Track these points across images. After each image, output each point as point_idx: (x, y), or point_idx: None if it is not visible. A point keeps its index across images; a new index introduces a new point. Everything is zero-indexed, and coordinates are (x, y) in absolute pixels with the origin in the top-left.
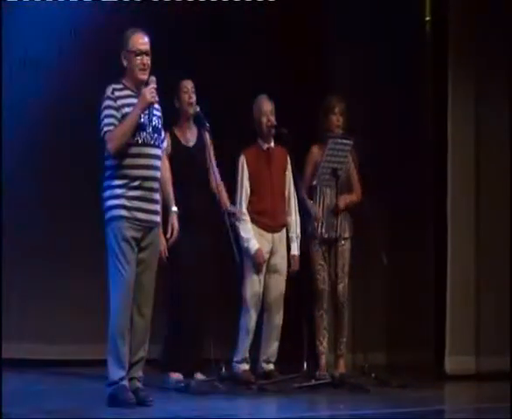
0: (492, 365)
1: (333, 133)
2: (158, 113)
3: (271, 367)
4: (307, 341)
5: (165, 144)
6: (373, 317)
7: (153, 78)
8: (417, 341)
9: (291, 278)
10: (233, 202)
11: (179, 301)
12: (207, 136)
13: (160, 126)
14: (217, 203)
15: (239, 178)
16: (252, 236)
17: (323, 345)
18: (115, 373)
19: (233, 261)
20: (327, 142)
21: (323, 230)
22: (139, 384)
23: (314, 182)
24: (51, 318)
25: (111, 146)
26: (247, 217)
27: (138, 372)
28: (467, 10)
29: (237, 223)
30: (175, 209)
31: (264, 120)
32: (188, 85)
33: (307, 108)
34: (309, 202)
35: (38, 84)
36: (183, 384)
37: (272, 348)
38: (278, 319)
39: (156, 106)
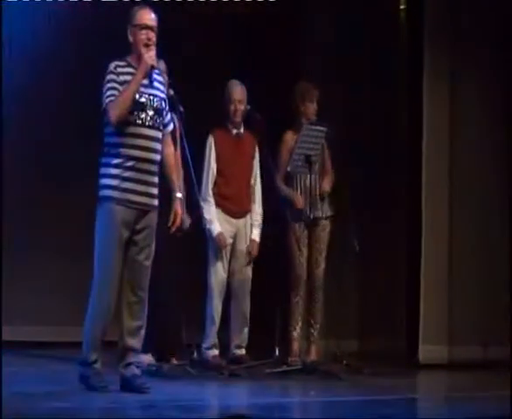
0: (464, 354)
1: (309, 119)
2: (162, 95)
3: (242, 352)
4: (279, 327)
5: (171, 127)
6: (346, 303)
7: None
8: (390, 329)
9: (265, 264)
10: (199, 182)
11: (151, 285)
12: (179, 120)
13: (163, 108)
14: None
15: (206, 158)
16: (214, 219)
17: (297, 331)
18: (89, 355)
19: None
20: (301, 129)
21: (308, 212)
22: (136, 370)
23: (288, 169)
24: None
25: (112, 114)
26: (212, 199)
27: (135, 357)
28: None
29: (201, 204)
30: (179, 195)
31: (232, 107)
32: (161, 66)
33: (279, 94)
34: (287, 190)
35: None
36: (154, 368)
37: (242, 334)
38: (245, 304)
39: (161, 87)
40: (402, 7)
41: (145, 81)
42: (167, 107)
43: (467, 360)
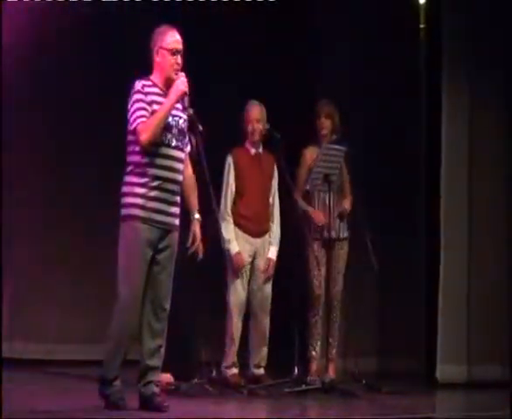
0: (483, 373)
1: (324, 135)
2: (184, 116)
3: (261, 371)
4: (298, 346)
5: (189, 148)
6: (364, 323)
7: (182, 74)
8: (408, 348)
9: (282, 283)
10: (218, 201)
11: (171, 304)
12: (200, 140)
13: (185, 128)
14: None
15: (225, 178)
16: (233, 238)
17: (316, 350)
18: (110, 372)
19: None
20: (319, 147)
21: (325, 231)
22: (156, 389)
23: (307, 187)
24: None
25: (144, 137)
26: (230, 218)
27: (155, 376)
28: (462, 15)
29: (220, 222)
30: (197, 216)
31: (250, 127)
32: None
33: (300, 112)
34: (306, 206)
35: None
36: (173, 386)
37: (261, 353)
38: (264, 323)
39: (181, 108)
40: (422, 26)
41: (178, 105)
42: (185, 128)
43: (485, 379)
